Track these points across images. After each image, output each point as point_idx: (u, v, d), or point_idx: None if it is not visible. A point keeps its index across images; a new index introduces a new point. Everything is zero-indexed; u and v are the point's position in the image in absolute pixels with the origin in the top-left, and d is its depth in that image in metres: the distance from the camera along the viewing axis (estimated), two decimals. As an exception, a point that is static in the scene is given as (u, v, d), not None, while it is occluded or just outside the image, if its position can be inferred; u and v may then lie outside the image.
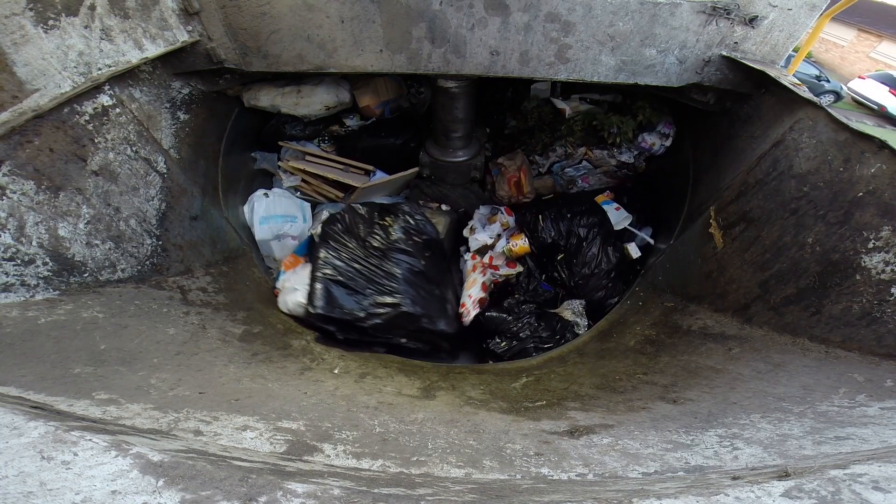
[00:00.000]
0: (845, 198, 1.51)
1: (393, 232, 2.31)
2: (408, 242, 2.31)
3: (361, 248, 2.27)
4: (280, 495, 0.67)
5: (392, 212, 2.42)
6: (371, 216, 2.37)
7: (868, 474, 0.73)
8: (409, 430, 1.31)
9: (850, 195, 1.50)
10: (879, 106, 11.18)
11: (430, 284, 2.34)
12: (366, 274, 2.22)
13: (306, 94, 2.49)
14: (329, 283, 2.17)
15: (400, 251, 2.28)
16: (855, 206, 1.48)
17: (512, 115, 3.03)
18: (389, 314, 2.17)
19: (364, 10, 1.85)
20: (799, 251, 1.63)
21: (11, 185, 1.30)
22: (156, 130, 1.87)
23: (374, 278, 2.21)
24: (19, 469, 0.64)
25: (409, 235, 2.33)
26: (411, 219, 2.40)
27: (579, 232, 2.77)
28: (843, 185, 1.52)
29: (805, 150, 1.68)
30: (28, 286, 1.33)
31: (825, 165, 1.59)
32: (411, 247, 2.32)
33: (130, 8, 1.62)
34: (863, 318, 1.41)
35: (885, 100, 11.10)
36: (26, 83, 1.34)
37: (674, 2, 1.80)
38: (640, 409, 1.48)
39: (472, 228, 3.09)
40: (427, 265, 2.35)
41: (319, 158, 2.70)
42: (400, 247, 2.28)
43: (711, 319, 1.91)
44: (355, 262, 2.23)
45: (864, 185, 1.47)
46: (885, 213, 1.41)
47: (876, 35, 14.48)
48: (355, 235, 2.30)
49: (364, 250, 2.26)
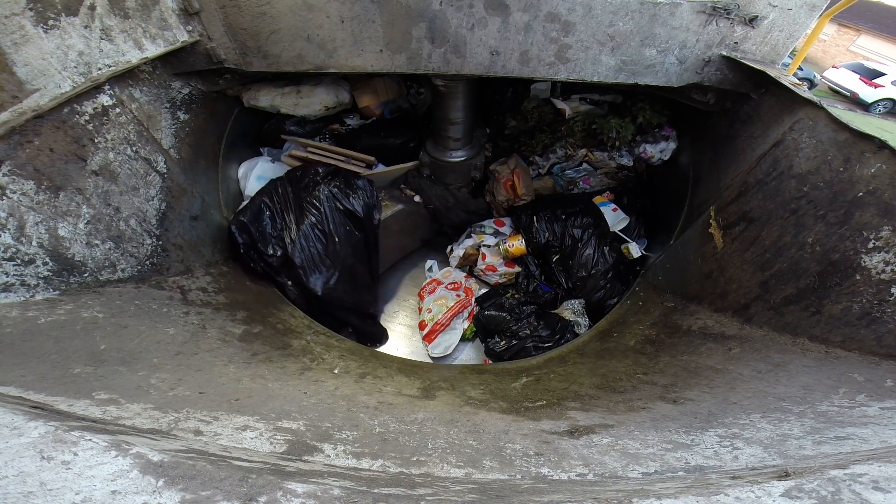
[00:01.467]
0: (845, 198, 1.51)
1: (320, 191, 2.44)
2: (325, 204, 2.43)
3: (294, 194, 2.47)
4: (280, 495, 0.67)
5: (340, 177, 2.53)
6: (320, 175, 2.51)
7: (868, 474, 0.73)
8: (409, 430, 1.31)
9: (850, 195, 1.50)
10: (851, 93, 12.37)
11: (330, 247, 2.45)
12: (282, 215, 2.43)
13: (306, 95, 2.50)
14: (263, 206, 2.38)
15: (314, 208, 2.42)
16: (855, 206, 1.48)
17: (512, 115, 3.03)
18: (280, 256, 2.36)
19: (364, 10, 1.85)
20: (799, 251, 1.63)
21: (11, 185, 1.30)
22: (156, 130, 1.87)
23: (286, 222, 2.42)
24: (19, 469, 0.64)
25: (332, 199, 2.46)
26: (344, 188, 2.51)
27: (573, 233, 2.77)
28: (843, 185, 1.52)
29: (805, 150, 1.68)
30: (28, 286, 1.33)
31: (825, 165, 1.59)
32: (328, 210, 2.44)
33: (130, 8, 1.62)
34: (863, 318, 1.41)
35: (856, 87, 12.31)
36: (26, 83, 1.34)
37: (674, 2, 1.80)
38: (640, 409, 1.48)
39: (451, 249, 3.11)
40: (339, 231, 2.46)
41: (321, 150, 2.73)
42: (315, 204, 2.42)
43: (711, 319, 1.91)
44: (283, 202, 2.45)
45: (864, 185, 1.47)
46: (885, 213, 1.41)
47: (855, 29, 15.47)
48: (297, 184, 2.49)
49: (295, 197, 2.46)
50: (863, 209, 1.46)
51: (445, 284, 2.92)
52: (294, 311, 2.41)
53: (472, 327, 2.80)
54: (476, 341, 2.84)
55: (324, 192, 2.44)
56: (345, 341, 2.37)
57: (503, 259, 2.98)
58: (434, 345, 2.68)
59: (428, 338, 2.72)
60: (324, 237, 2.43)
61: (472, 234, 3.14)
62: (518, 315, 2.64)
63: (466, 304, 2.82)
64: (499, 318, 2.66)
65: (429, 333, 2.72)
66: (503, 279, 3.01)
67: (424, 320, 2.78)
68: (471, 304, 2.84)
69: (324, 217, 2.42)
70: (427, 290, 2.94)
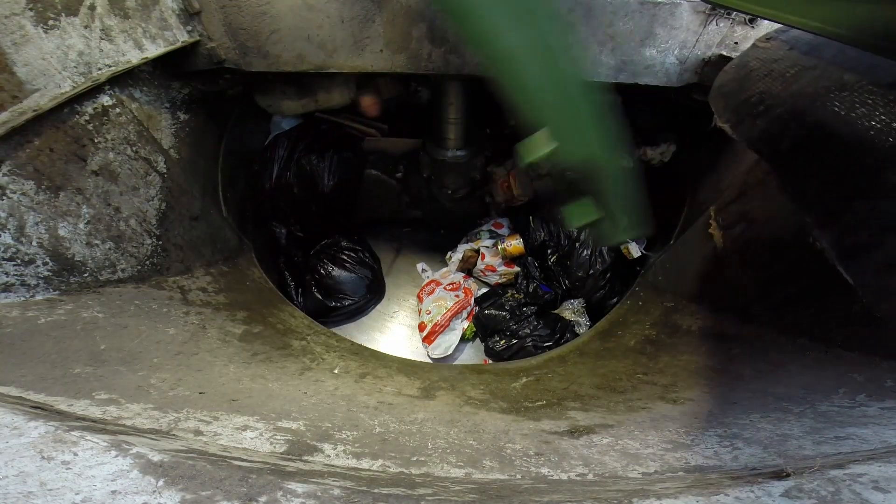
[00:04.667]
0: (845, 198, 1.51)
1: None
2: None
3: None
4: (280, 495, 0.67)
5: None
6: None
7: (868, 474, 0.73)
8: (409, 430, 1.31)
9: (850, 195, 1.49)
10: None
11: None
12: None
13: (323, 102, 2.59)
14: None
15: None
16: (855, 206, 1.48)
17: (512, 115, 3.03)
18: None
19: (364, 10, 1.85)
20: (799, 251, 1.62)
21: (11, 185, 1.29)
22: (156, 130, 1.87)
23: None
24: (19, 469, 0.64)
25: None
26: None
27: (570, 232, 2.77)
28: (843, 185, 1.52)
29: (805, 150, 1.68)
30: (28, 286, 1.33)
31: (825, 165, 1.59)
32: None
33: (130, 8, 1.62)
34: (863, 318, 1.41)
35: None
36: (26, 83, 1.33)
37: (674, 2, 1.80)
38: (640, 409, 1.48)
39: (450, 255, 3.12)
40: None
41: (343, 115, 2.82)
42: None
43: (711, 319, 1.91)
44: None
45: (864, 185, 1.46)
46: (885, 213, 1.40)
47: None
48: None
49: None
50: (863, 209, 1.46)
51: (444, 285, 2.92)
52: (294, 311, 2.41)
53: (472, 327, 2.80)
54: (476, 341, 2.84)
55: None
56: (344, 341, 2.38)
57: (502, 259, 2.99)
58: (434, 346, 2.68)
59: (427, 339, 2.72)
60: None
61: (469, 241, 3.15)
62: (518, 315, 2.64)
63: (465, 305, 2.82)
64: (498, 318, 2.66)
65: (428, 335, 2.72)
66: (503, 279, 3.01)
67: (424, 322, 2.79)
68: (470, 305, 2.84)
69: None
70: (426, 291, 2.94)
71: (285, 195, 2.70)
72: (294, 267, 2.84)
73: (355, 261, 2.92)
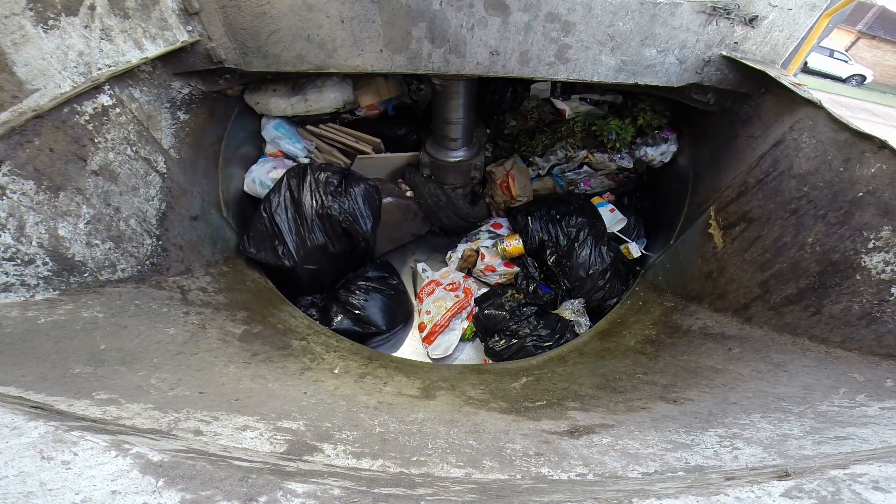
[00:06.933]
0: (845, 198, 1.51)
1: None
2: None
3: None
4: (280, 495, 0.67)
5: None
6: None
7: (868, 474, 0.73)
8: (409, 430, 1.31)
9: (850, 195, 1.50)
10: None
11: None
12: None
13: (314, 102, 2.53)
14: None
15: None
16: (855, 206, 1.48)
17: (512, 115, 3.03)
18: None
19: (364, 10, 1.85)
20: (799, 251, 1.63)
21: (11, 185, 1.30)
22: (156, 130, 1.87)
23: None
24: (19, 469, 0.64)
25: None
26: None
27: (569, 232, 2.76)
28: (843, 185, 1.52)
29: (805, 150, 1.68)
30: (28, 286, 1.33)
31: (825, 165, 1.59)
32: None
33: (130, 8, 1.62)
34: (863, 318, 1.41)
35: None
36: (26, 83, 1.34)
37: (674, 2, 1.80)
38: (640, 408, 1.48)
39: (450, 255, 3.12)
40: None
41: (334, 129, 2.78)
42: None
43: (711, 319, 1.91)
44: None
45: (864, 185, 1.47)
46: (885, 213, 1.41)
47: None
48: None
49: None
50: (863, 209, 1.46)
51: (444, 285, 2.92)
52: (294, 311, 2.41)
53: (472, 327, 2.80)
54: (476, 341, 2.84)
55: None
56: (344, 341, 2.37)
57: (502, 259, 2.98)
58: (434, 346, 2.68)
59: (427, 339, 2.71)
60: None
61: (468, 241, 3.15)
62: (518, 315, 2.63)
63: (465, 305, 2.82)
64: (498, 318, 2.66)
65: (428, 335, 2.71)
66: (502, 279, 3.01)
67: (423, 322, 2.78)
68: (470, 305, 2.84)
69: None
70: (426, 291, 2.94)
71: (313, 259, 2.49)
72: (321, 310, 2.69)
73: (383, 288, 2.76)
